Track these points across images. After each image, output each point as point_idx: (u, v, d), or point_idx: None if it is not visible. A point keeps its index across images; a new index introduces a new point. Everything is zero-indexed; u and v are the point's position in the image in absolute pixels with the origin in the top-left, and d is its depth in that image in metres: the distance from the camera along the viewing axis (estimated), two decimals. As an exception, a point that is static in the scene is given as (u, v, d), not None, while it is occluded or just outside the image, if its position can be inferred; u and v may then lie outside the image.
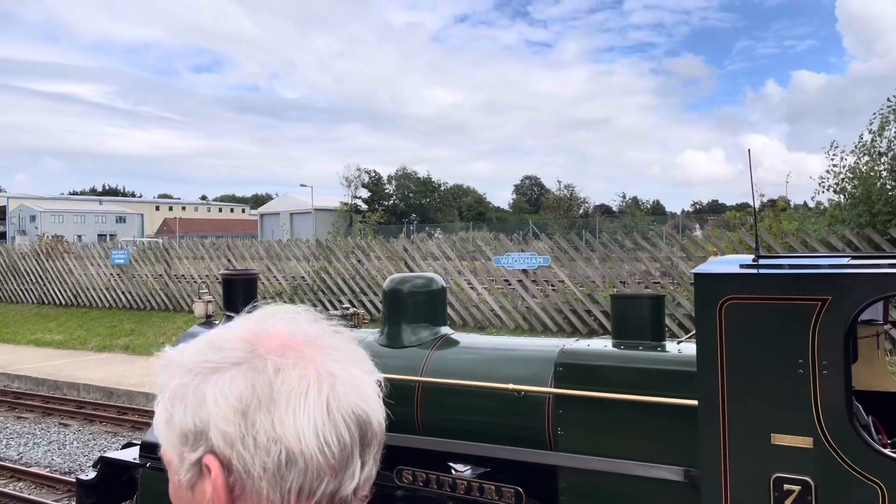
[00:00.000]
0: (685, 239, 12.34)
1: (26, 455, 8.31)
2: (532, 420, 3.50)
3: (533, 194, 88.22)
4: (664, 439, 3.11)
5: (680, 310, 10.54)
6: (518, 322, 12.11)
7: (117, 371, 12.18)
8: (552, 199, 71.04)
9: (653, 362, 3.24)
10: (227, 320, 5.07)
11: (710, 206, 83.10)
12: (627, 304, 3.53)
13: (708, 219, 51.23)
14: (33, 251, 19.42)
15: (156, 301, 16.62)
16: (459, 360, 3.92)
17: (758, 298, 2.57)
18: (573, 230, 38.64)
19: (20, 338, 16.07)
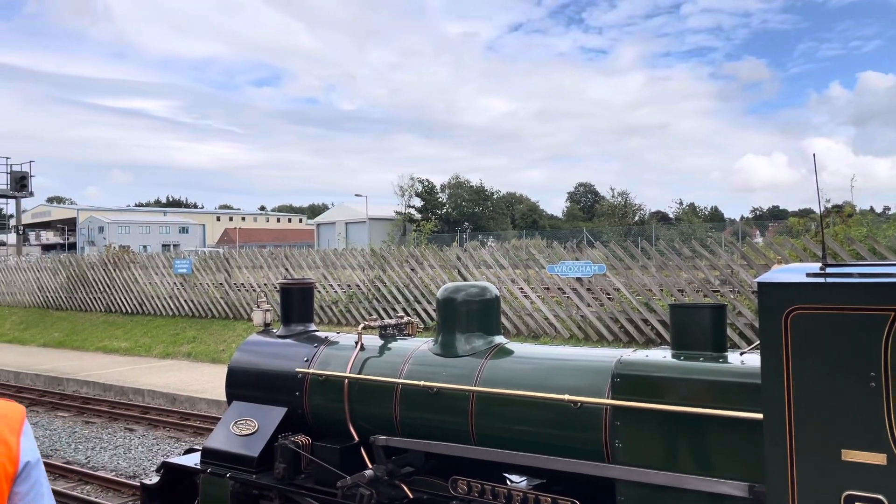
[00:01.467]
0: (745, 246, 12.00)
1: (94, 459, 8.60)
2: (589, 432, 3.45)
3: (587, 202, 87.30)
4: (727, 454, 3.01)
5: (741, 319, 10.25)
6: (573, 331, 11.97)
7: (180, 377, 12.51)
8: (607, 206, 70.13)
9: (715, 374, 3.15)
10: (285, 328, 5.17)
11: (770, 212, 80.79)
12: (687, 313, 3.45)
13: (769, 225, 49.80)
14: (101, 261, 20.16)
15: (217, 309, 17.04)
16: (514, 370, 3.89)
17: (826, 309, 2.48)
18: (629, 238, 38.05)
19: (89, 345, 16.68)
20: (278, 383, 4.81)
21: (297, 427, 4.67)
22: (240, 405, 4.96)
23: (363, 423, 4.39)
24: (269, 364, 4.96)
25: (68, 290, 20.53)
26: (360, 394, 4.41)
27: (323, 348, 4.79)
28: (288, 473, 4.41)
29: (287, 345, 5.00)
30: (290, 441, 4.46)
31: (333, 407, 4.52)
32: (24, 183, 27.37)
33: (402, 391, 4.19)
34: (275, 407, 4.77)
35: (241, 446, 4.66)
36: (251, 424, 4.75)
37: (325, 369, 4.60)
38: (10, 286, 22.40)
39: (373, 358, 4.51)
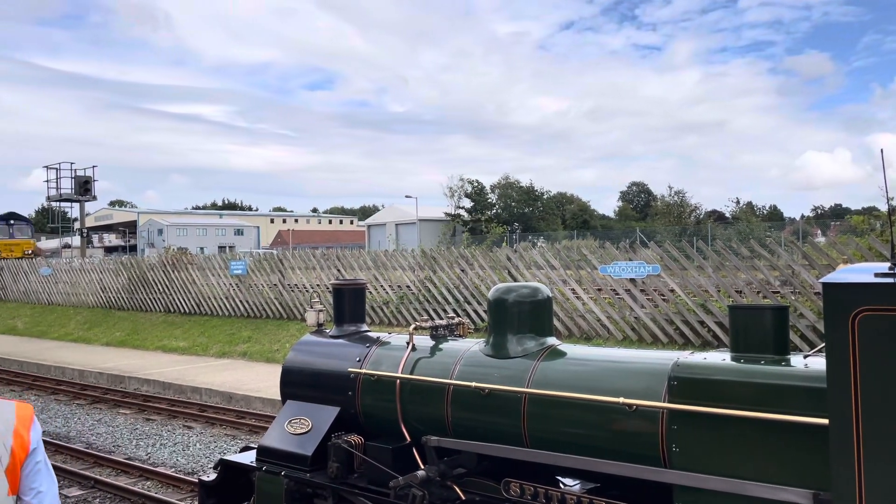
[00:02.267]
0: (807, 245, 11.62)
1: (154, 455, 8.84)
2: (644, 435, 3.38)
3: (640, 201, 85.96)
4: (790, 460, 2.91)
5: (803, 321, 9.93)
6: (626, 333, 11.79)
7: (236, 376, 12.77)
8: (662, 205, 68.87)
9: (777, 377, 3.04)
10: (337, 328, 5.22)
11: (832, 211, 78.16)
12: (747, 315, 3.34)
13: (831, 224, 48.20)
14: (160, 263, 20.74)
15: (271, 309, 17.35)
16: (567, 372, 3.84)
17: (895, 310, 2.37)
18: (683, 238, 37.30)
19: (149, 344, 17.18)
20: (331, 383, 4.85)
21: (350, 426, 4.71)
22: (294, 404, 5.02)
23: (415, 424, 4.39)
24: (322, 364, 5.01)
25: (129, 291, 21.19)
26: (412, 394, 4.42)
27: (375, 348, 4.82)
28: (341, 473, 4.44)
29: (339, 345, 5.05)
30: (343, 440, 4.49)
31: (385, 407, 4.54)
32: (88, 187, 28.39)
33: (454, 392, 4.18)
34: (328, 406, 4.82)
35: (295, 445, 4.72)
36: (305, 423, 4.81)
37: (377, 369, 4.62)
38: (75, 287, 23.24)
39: (424, 358, 4.51)
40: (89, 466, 8.34)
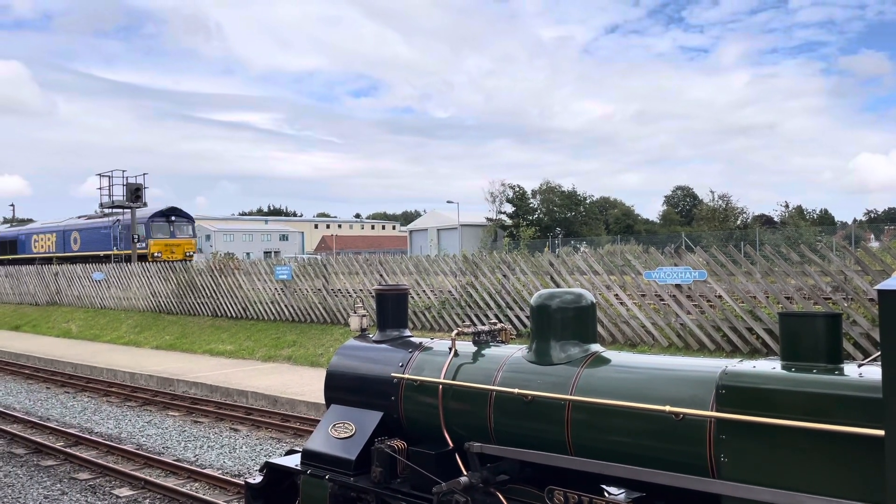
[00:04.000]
0: (860, 250, 11.28)
1: (201, 457, 9.01)
2: (691, 445, 3.32)
3: (685, 205, 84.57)
4: (844, 472, 2.83)
5: (856, 329, 9.63)
6: (671, 339, 11.60)
7: (281, 380, 12.95)
8: (706, 210, 67.64)
9: (831, 387, 2.95)
10: (380, 333, 5.25)
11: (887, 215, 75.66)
12: (799, 322, 3.25)
13: (885, 228, 46.71)
14: (208, 268, 21.17)
15: (315, 314, 17.55)
16: (611, 379, 3.80)
17: (957, 318, 2.28)
18: (730, 242, 36.56)
19: (197, 347, 17.53)
20: (374, 388, 4.89)
21: (393, 431, 4.74)
22: (338, 408, 5.07)
23: (457, 430, 4.39)
24: (365, 368, 5.05)
25: (178, 296, 21.67)
26: (455, 400, 4.42)
27: (417, 354, 4.84)
28: (384, 477, 4.47)
29: (383, 350, 5.08)
30: (386, 445, 4.52)
31: (428, 412, 4.55)
32: (139, 194, 29.12)
33: (497, 398, 4.17)
34: (371, 411, 4.85)
35: (339, 449, 4.76)
36: (349, 427, 4.85)
37: (419, 375, 4.64)
38: (127, 291, 23.87)
39: (467, 364, 4.51)
40: (140, 467, 8.54)
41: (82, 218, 38.01)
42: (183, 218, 34.85)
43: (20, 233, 41.63)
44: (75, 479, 8.20)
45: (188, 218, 35.42)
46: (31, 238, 39.45)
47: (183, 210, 35.17)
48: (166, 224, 33.77)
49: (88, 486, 7.96)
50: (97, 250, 34.13)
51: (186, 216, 35.27)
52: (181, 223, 34.64)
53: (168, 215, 33.92)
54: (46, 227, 39.67)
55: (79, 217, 38.77)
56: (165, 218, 33.84)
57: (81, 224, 36.78)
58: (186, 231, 34.99)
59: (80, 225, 36.70)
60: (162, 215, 33.73)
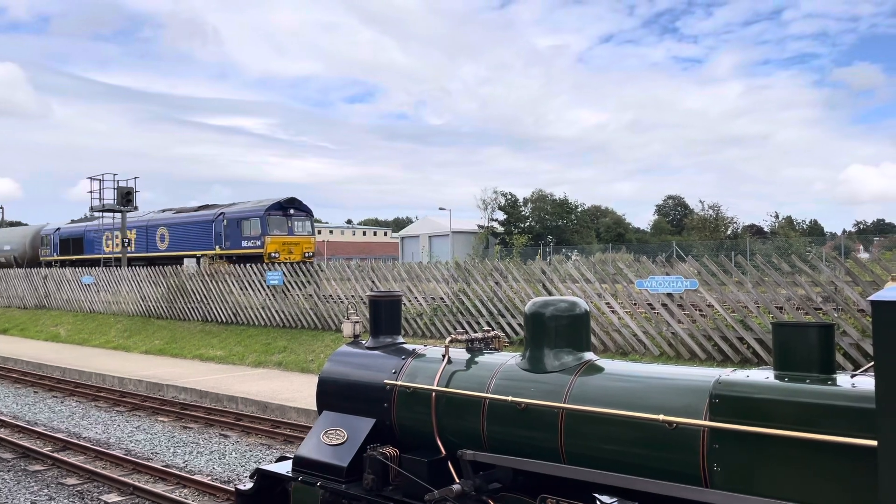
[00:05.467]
0: (850, 261, 11.35)
1: (191, 463, 8.95)
2: (684, 454, 3.32)
3: (676, 215, 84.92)
4: (836, 482, 2.84)
5: (846, 339, 9.68)
6: (663, 348, 11.62)
7: (271, 386, 12.89)
8: (696, 219, 67.97)
9: (824, 397, 2.97)
10: (373, 340, 5.24)
11: (875, 226, 76.21)
12: (792, 332, 3.27)
13: (874, 239, 47.06)
14: (198, 273, 21.09)
15: (306, 320, 17.50)
16: (605, 388, 3.80)
17: (950, 330, 2.30)
18: (721, 252, 36.73)
19: (186, 352, 17.44)
20: (367, 394, 4.87)
21: (385, 438, 4.72)
22: (330, 415, 5.05)
23: (450, 437, 4.38)
24: (358, 375, 5.04)
25: (168, 300, 21.56)
26: (448, 407, 4.42)
27: (410, 360, 4.83)
28: (376, 485, 4.45)
29: (375, 356, 5.07)
30: (378, 452, 4.50)
31: (420, 419, 4.54)
32: (130, 198, 28.99)
33: (490, 406, 4.17)
34: (363, 417, 4.84)
35: (330, 456, 4.74)
36: (341, 434, 4.84)
37: (412, 382, 4.63)
38: (116, 296, 23.74)
39: (460, 371, 4.51)
40: (128, 473, 8.48)
41: (168, 211, 32.63)
42: (302, 212, 28.89)
43: (87, 229, 35.01)
44: (63, 485, 8.13)
45: (307, 211, 29.26)
46: (101, 235, 33.68)
47: (302, 202, 29.06)
48: (284, 219, 27.88)
49: (76, 492, 7.89)
50: (192, 249, 29.02)
51: (305, 209, 29.12)
52: (300, 218, 28.70)
53: (286, 208, 28.06)
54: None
55: (163, 211, 33.15)
56: (283, 211, 27.94)
57: (171, 218, 31.18)
58: (305, 227, 28.93)
59: (170, 219, 31.12)
60: (279, 208, 27.81)
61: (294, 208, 28.45)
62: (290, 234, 27.78)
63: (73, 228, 36.18)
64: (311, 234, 28.93)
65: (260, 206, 27.51)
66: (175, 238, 30.23)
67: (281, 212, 27.74)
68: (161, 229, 31.01)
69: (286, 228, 27.81)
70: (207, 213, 29.42)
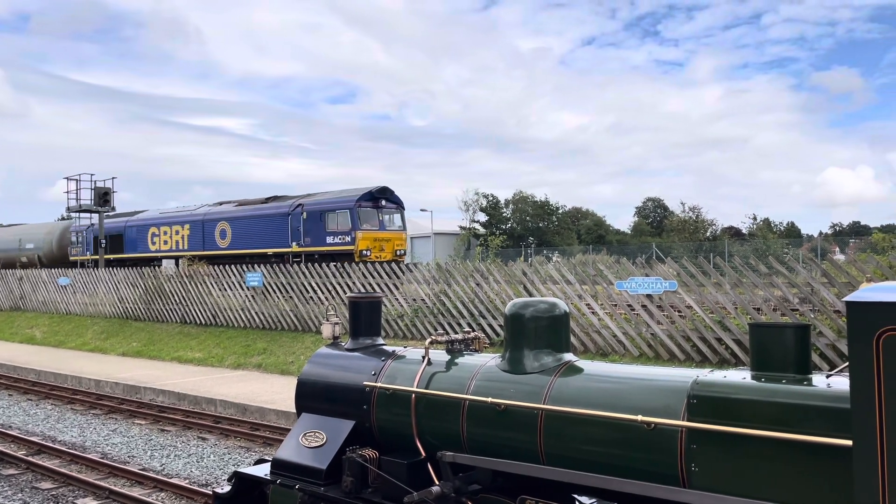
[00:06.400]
0: (826, 263, 11.49)
1: (168, 466, 8.85)
2: (663, 454, 3.34)
3: (656, 217, 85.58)
4: (812, 481, 2.86)
5: (822, 340, 9.80)
6: (642, 349, 11.69)
7: (251, 388, 12.79)
8: (676, 221, 68.55)
9: (800, 397, 3.00)
10: (353, 342, 5.21)
11: (851, 228, 77.31)
12: (768, 333, 3.30)
13: (850, 241, 47.73)
14: (177, 274, 20.89)
15: (286, 321, 17.39)
16: (584, 389, 3.81)
17: (923, 330, 2.33)
18: (699, 254, 37.07)
19: (165, 354, 17.26)
20: (346, 396, 4.85)
21: (365, 440, 4.70)
22: (309, 417, 5.02)
23: (430, 439, 4.37)
24: (337, 377, 5.01)
25: (146, 302, 21.34)
26: (427, 409, 4.40)
27: (390, 362, 4.81)
28: (355, 487, 4.43)
29: (355, 358, 5.05)
30: (357, 455, 4.48)
31: (400, 421, 4.52)
32: (107, 198, 28.66)
33: (470, 407, 4.16)
34: (343, 420, 4.81)
35: (309, 458, 4.71)
36: (320, 437, 4.80)
37: (392, 383, 4.61)
38: (93, 297, 23.45)
39: (440, 373, 4.50)
40: (104, 477, 8.37)
41: (227, 204, 28.26)
42: (392, 203, 25.13)
43: (128, 224, 30.80)
44: (38, 489, 8.00)
45: (398, 203, 25.42)
46: (146, 231, 29.82)
47: (394, 192, 25.31)
48: (374, 211, 24.22)
49: (51, 496, 7.77)
50: (262, 246, 25.35)
51: (396, 200, 25.36)
52: (390, 210, 24.95)
53: (377, 198, 24.45)
54: (172, 216, 29.53)
55: (219, 203, 28.66)
56: (374, 202, 24.28)
57: (233, 212, 27.03)
58: (396, 221, 25.21)
59: (232, 213, 27.04)
60: (370, 198, 24.19)
61: (385, 199, 24.82)
62: (381, 229, 24.16)
63: (110, 224, 31.49)
64: (402, 228, 25.44)
65: (349, 196, 23.98)
66: (240, 234, 26.27)
67: (371, 203, 24.16)
68: (221, 224, 26.89)
69: (377, 222, 24.18)
70: (281, 204, 25.49)
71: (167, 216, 29.61)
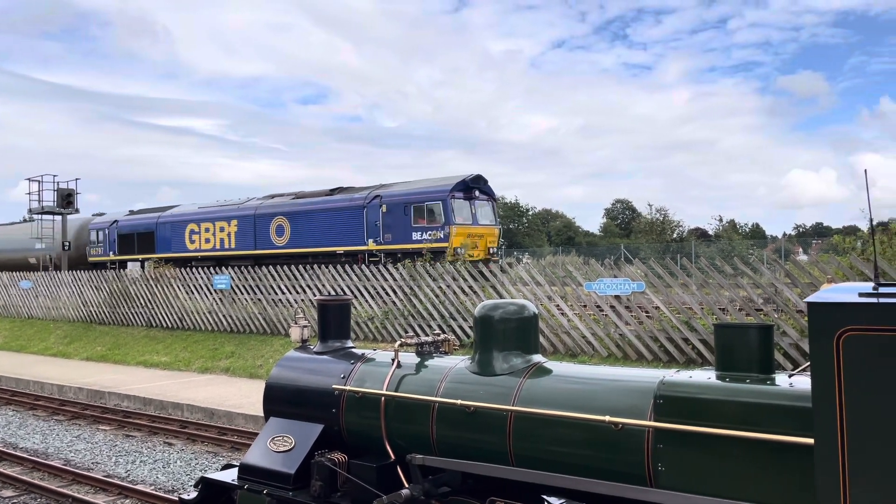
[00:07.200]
0: (789, 263, 11.71)
1: (133, 472, 8.70)
2: (630, 454, 3.37)
3: (625, 218, 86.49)
4: (776, 479, 2.91)
5: (786, 339, 9.98)
6: (611, 350, 11.80)
7: (218, 392, 12.63)
8: (644, 223, 69.36)
9: (763, 396, 3.05)
10: (322, 345, 5.17)
11: (814, 230, 78.97)
12: (732, 333, 3.35)
13: (813, 242, 48.73)
14: (143, 277, 20.55)
15: (255, 325, 17.21)
16: (553, 390, 3.83)
17: (880, 330, 2.38)
18: (667, 255, 37.54)
19: (130, 359, 16.97)
20: (315, 400, 4.81)
21: (334, 444, 4.67)
22: (277, 421, 4.97)
23: (399, 442, 4.36)
24: (306, 380, 4.97)
25: (111, 305, 20.96)
26: (397, 412, 4.39)
27: (359, 365, 4.78)
28: (324, 491, 4.39)
29: (324, 361, 5.01)
30: (326, 458, 4.45)
31: (370, 424, 4.50)
32: (70, 200, 28.12)
33: (439, 409, 4.16)
34: (312, 423, 4.77)
35: (277, 463, 4.66)
36: (288, 441, 4.76)
37: (361, 386, 4.59)
38: (56, 301, 22.97)
39: (409, 375, 4.48)
40: (67, 484, 8.20)
41: (280, 197, 25.12)
42: (485, 194, 22.33)
43: (161, 220, 27.58)
44: (-3, 498, 7.81)
45: (490, 195, 22.63)
46: (183, 228, 26.63)
47: (488, 182, 22.51)
48: (467, 203, 21.38)
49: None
50: (330, 244, 22.33)
51: (489, 192, 22.59)
52: (482, 202, 22.10)
53: (471, 189, 21.59)
54: (214, 211, 26.04)
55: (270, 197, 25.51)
56: (467, 193, 21.42)
57: (292, 205, 23.91)
58: (488, 214, 22.34)
59: (290, 206, 23.87)
60: (464, 188, 21.34)
61: (479, 189, 21.94)
62: (475, 223, 21.36)
63: (139, 220, 28.62)
64: (495, 223, 22.69)
65: (441, 186, 21.08)
66: (301, 230, 23.17)
67: (462, 193, 21.23)
68: (278, 220, 23.82)
69: (469, 215, 21.33)
70: (353, 196, 22.39)
71: (208, 211, 26.41)
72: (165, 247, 27.25)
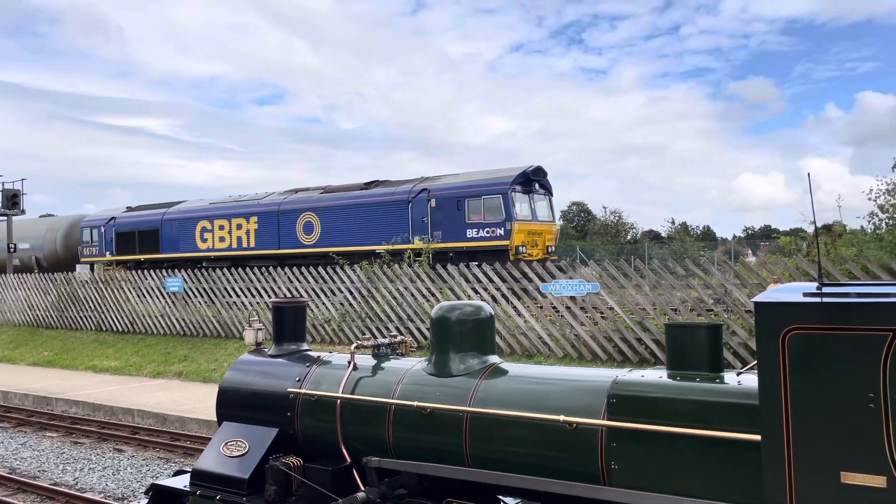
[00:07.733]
0: (738, 265, 12.01)
1: (82, 480, 8.47)
2: (584, 453, 3.41)
3: (580, 220, 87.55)
4: (725, 475, 2.98)
5: (735, 339, 10.23)
6: (566, 350, 11.93)
7: (170, 397, 12.38)
8: (599, 225, 70.31)
9: (712, 394, 3.12)
10: (277, 347, 5.11)
11: (762, 232, 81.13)
12: (683, 333, 3.42)
13: (761, 244, 50.02)
14: (92, 279, 20.02)
15: (208, 328, 16.91)
16: (509, 390, 3.86)
17: (824, 329, 2.46)
18: (621, 256, 38.10)
19: (79, 364, 16.51)
20: (269, 403, 4.75)
21: (289, 448, 4.61)
22: (231, 426, 4.89)
23: (355, 445, 4.33)
24: (260, 384, 4.90)
25: (59, 309, 20.37)
26: (353, 414, 4.36)
27: (315, 368, 4.74)
28: (279, 496, 4.34)
29: (279, 364, 4.95)
30: (280, 463, 4.39)
31: (325, 428, 4.46)
32: (16, 201, 27.23)
33: (396, 412, 4.14)
34: (266, 427, 4.71)
35: (231, 468, 4.59)
36: (242, 445, 4.69)
37: (317, 389, 4.55)
38: (0, 304, 22.22)
39: (365, 378, 4.46)
40: (12, 493, 7.93)
41: (306, 191, 22.92)
42: (543, 188, 20.61)
43: (167, 217, 25.25)
44: (-65, 510, 7.52)
45: (548, 189, 20.91)
46: (193, 226, 24.36)
47: (546, 175, 20.83)
48: (526, 197, 19.63)
49: (-49, 517, 7.32)
50: (367, 243, 20.09)
51: (548, 186, 20.87)
52: (540, 198, 20.36)
53: (531, 182, 19.87)
54: (229, 207, 23.82)
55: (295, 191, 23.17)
56: (526, 186, 19.64)
57: (321, 200, 21.85)
58: (545, 210, 20.65)
59: (320, 201, 21.79)
60: (524, 181, 19.61)
61: (540, 184, 20.27)
62: (534, 220, 19.65)
63: (140, 217, 26.08)
64: (552, 219, 21.02)
65: (501, 178, 19.24)
66: (333, 228, 21.12)
67: (521, 186, 19.44)
68: (306, 216, 21.73)
69: (528, 209, 19.57)
70: (395, 190, 20.42)
71: (222, 207, 24.06)
72: (172, 246, 25.01)
